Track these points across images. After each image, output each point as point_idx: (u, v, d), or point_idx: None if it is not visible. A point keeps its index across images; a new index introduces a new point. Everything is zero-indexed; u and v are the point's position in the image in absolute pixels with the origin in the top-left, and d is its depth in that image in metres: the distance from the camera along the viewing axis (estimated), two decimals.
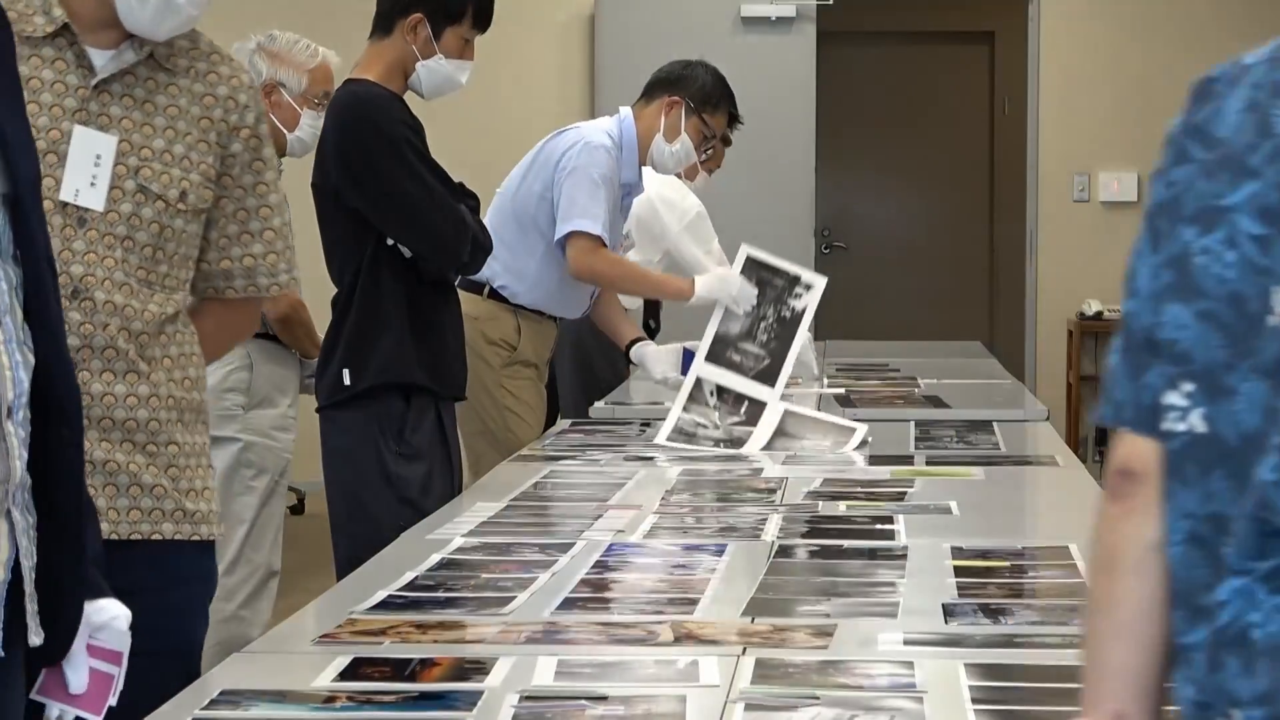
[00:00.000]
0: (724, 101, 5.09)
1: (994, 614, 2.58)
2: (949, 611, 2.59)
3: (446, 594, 2.76)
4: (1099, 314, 9.41)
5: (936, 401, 5.19)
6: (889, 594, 2.73)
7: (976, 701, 2.12)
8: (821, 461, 4.17)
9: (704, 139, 5.09)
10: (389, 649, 2.41)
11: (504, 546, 3.13)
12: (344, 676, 2.26)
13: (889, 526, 3.29)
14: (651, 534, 3.25)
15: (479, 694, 2.17)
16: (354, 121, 4.02)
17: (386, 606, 2.67)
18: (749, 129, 5.40)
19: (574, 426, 4.88)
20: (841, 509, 3.50)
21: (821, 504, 3.55)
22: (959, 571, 2.88)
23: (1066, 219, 9.62)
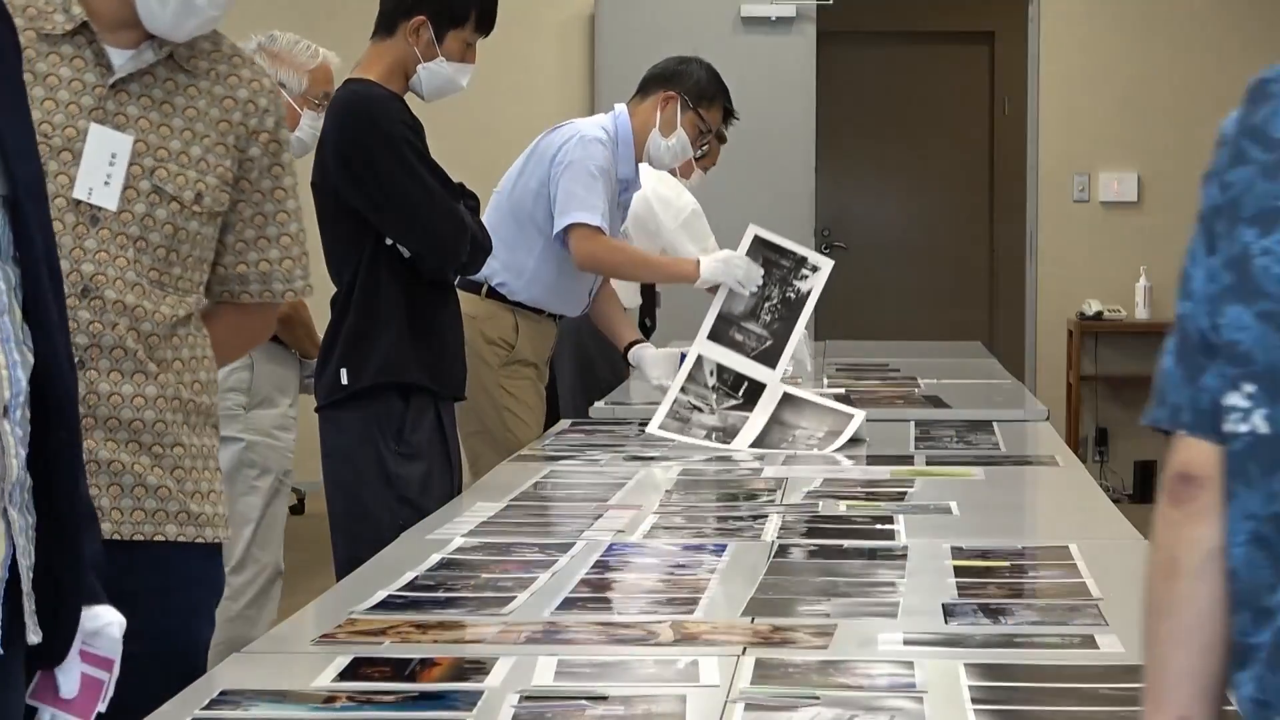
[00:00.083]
0: (719, 96, 5.09)
1: (994, 614, 2.58)
2: (949, 611, 2.59)
3: (446, 594, 2.76)
4: (1099, 314, 9.40)
5: (936, 401, 5.19)
6: (889, 594, 2.73)
7: (976, 701, 2.12)
8: (821, 461, 4.17)
9: (700, 134, 5.09)
10: (389, 649, 2.41)
11: (504, 546, 3.13)
12: (344, 676, 2.26)
13: (889, 526, 3.29)
14: (651, 534, 3.25)
15: (479, 694, 2.17)
16: (354, 121, 4.02)
17: (386, 606, 2.66)
18: (749, 129, 5.40)
19: (574, 427, 4.87)
20: (841, 509, 3.50)
21: (821, 504, 3.55)
22: (959, 571, 2.88)
23: (1066, 219, 9.61)
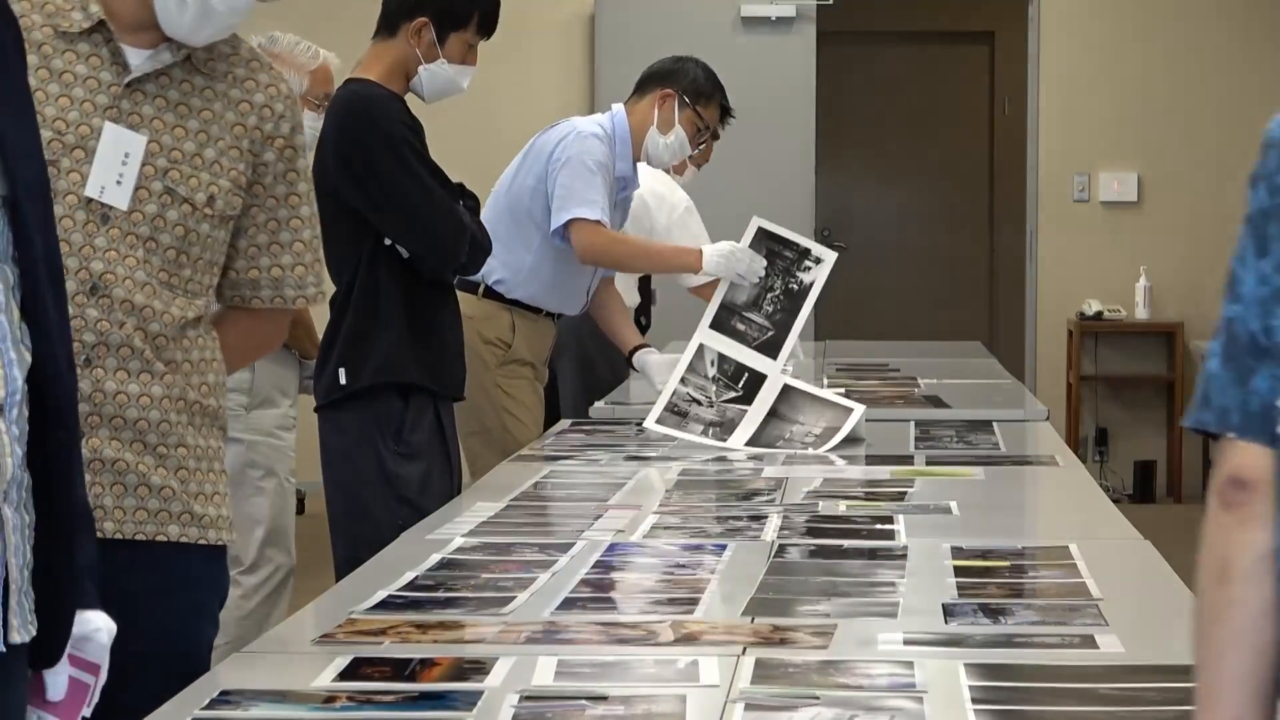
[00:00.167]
0: (716, 93, 5.10)
1: (994, 614, 2.58)
2: (949, 611, 2.59)
3: (446, 594, 2.76)
4: (1099, 314, 9.40)
5: (936, 401, 5.20)
6: (889, 594, 2.73)
7: (976, 701, 2.12)
8: (821, 461, 4.17)
9: (698, 131, 5.10)
10: (389, 649, 2.41)
11: (504, 546, 3.13)
12: (344, 676, 2.26)
13: (889, 526, 3.29)
14: (651, 534, 3.25)
15: (479, 694, 2.17)
16: (354, 120, 4.02)
17: (386, 606, 2.66)
18: (749, 129, 5.41)
19: (574, 427, 4.88)
20: (841, 509, 3.50)
21: (821, 504, 3.55)
22: (959, 571, 2.88)
23: (1066, 219, 9.61)
